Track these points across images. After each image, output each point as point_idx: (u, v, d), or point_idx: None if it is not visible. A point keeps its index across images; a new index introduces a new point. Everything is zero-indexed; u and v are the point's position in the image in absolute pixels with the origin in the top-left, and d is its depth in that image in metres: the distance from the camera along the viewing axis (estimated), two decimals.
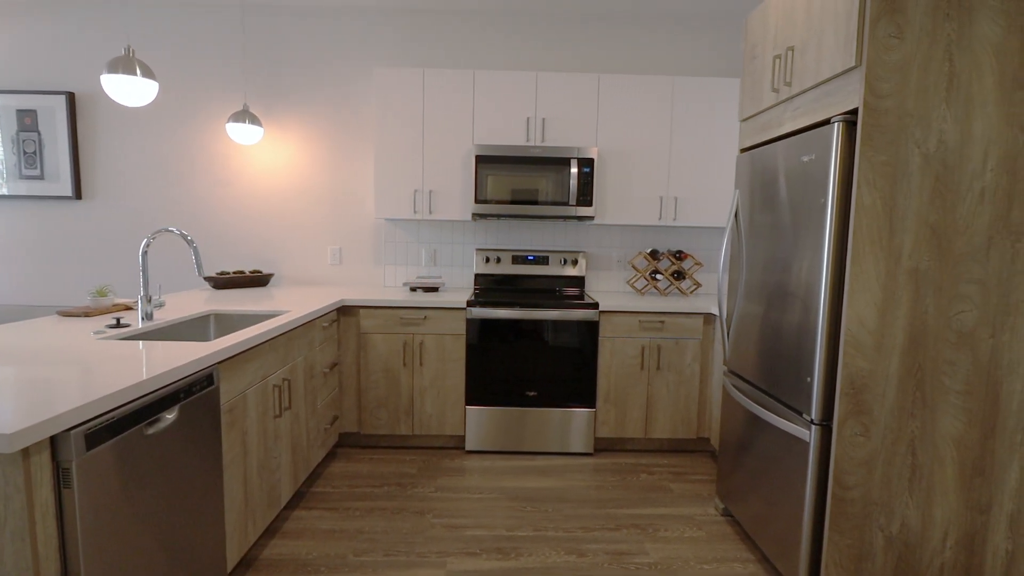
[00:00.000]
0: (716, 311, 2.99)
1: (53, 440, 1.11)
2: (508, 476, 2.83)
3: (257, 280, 3.42)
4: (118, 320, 2.07)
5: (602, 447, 3.21)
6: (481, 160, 3.12)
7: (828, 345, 1.75)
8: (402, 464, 2.94)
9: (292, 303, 2.74)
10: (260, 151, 3.55)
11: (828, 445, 1.78)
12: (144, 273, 2.16)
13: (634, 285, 3.53)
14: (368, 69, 3.51)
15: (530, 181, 3.14)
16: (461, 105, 3.20)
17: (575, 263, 3.52)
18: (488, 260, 3.51)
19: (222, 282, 3.26)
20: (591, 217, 3.19)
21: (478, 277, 3.52)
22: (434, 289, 3.27)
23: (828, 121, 1.82)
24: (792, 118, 2.00)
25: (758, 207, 2.20)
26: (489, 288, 3.50)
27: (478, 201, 3.15)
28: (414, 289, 3.28)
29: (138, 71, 2.31)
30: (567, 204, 3.16)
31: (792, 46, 1.97)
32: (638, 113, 3.22)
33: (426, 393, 3.07)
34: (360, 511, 2.45)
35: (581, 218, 3.20)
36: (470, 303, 3.01)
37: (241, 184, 3.57)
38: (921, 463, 1.72)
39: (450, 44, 3.50)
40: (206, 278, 3.11)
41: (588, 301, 3.05)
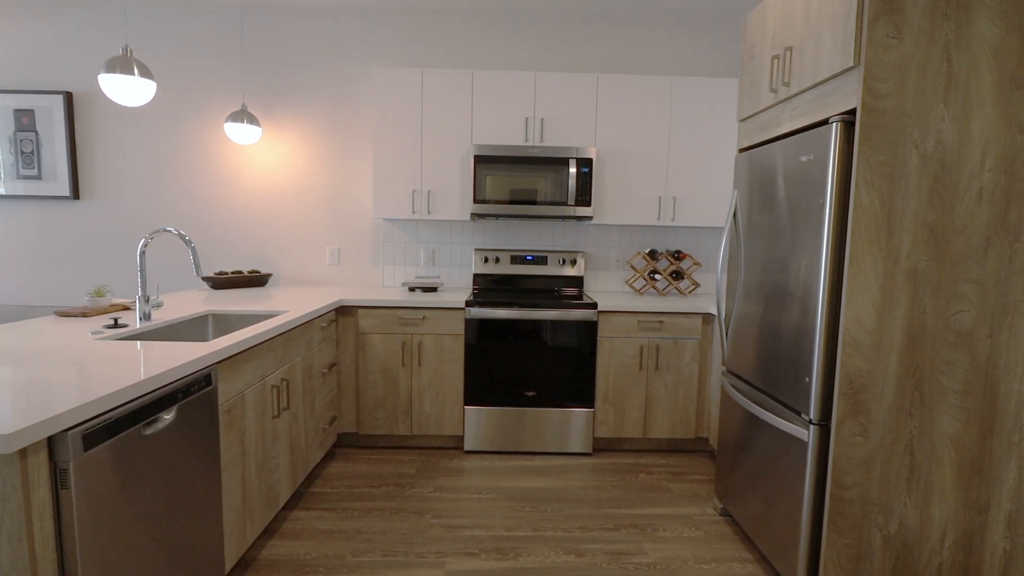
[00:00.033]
0: (715, 311, 2.99)
1: (50, 440, 1.11)
2: (507, 476, 2.83)
3: (255, 280, 3.42)
4: (116, 320, 2.07)
5: (601, 447, 3.21)
6: (480, 160, 3.12)
7: (826, 345, 1.75)
8: (401, 464, 2.94)
9: (290, 303, 2.74)
10: (259, 151, 3.55)
11: (826, 445, 1.78)
12: (142, 273, 2.15)
13: (633, 285, 3.54)
14: (367, 69, 3.50)
15: (529, 181, 3.14)
16: (460, 105, 3.20)
17: (574, 263, 3.52)
18: (487, 260, 3.51)
19: (220, 282, 3.26)
20: (590, 217, 3.19)
21: (477, 277, 3.52)
22: (433, 289, 3.27)
23: (826, 121, 1.82)
24: (790, 118, 2.00)
25: (756, 207, 2.20)
26: (488, 288, 3.50)
27: (477, 201, 3.15)
28: (413, 289, 3.28)
29: (136, 71, 2.31)
30: (566, 204, 3.16)
31: (790, 46, 1.97)
32: (637, 113, 3.23)
33: (425, 393, 3.07)
34: (358, 511, 2.45)
35: (580, 218, 3.20)
36: (469, 303, 3.01)
37: (239, 184, 3.56)
38: (919, 463, 1.73)
39: (449, 44, 3.49)
40: (204, 278, 3.10)
41: (587, 301, 3.05)
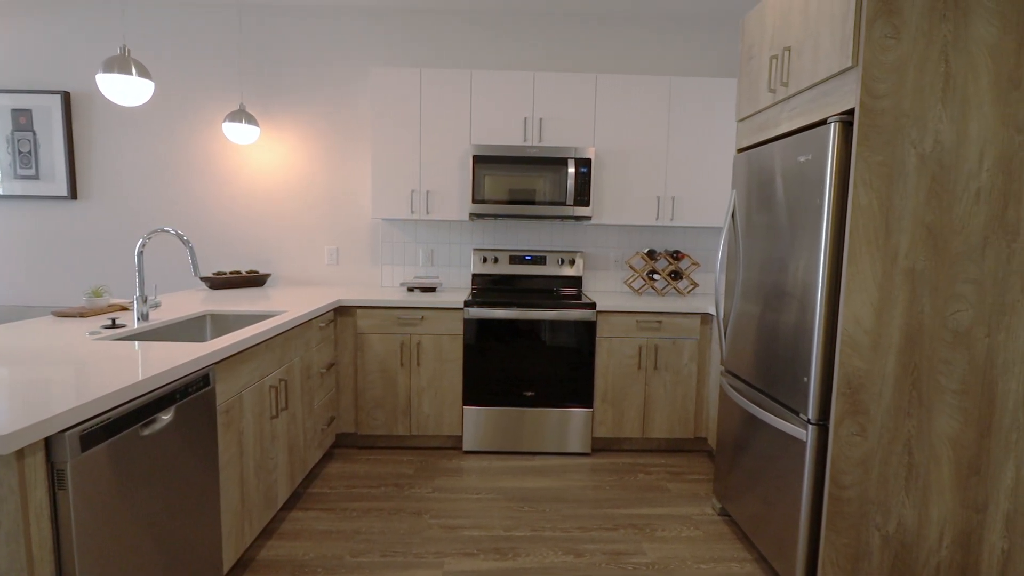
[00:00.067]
0: (713, 311, 3.00)
1: (48, 441, 1.11)
2: (505, 476, 2.82)
3: (253, 280, 3.41)
4: (113, 320, 2.06)
5: (599, 447, 3.21)
6: (478, 160, 3.12)
7: (825, 345, 1.75)
8: (399, 464, 2.94)
9: (289, 303, 2.73)
10: (257, 151, 3.54)
11: (825, 445, 1.78)
12: (140, 273, 2.15)
13: (631, 285, 3.54)
14: (365, 69, 3.50)
15: (527, 181, 3.14)
16: (458, 105, 3.19)
17: (572, 263, 3.52)
18: (485, 260, 3.51)
19: (218, 282, 3.25)
20: (588, 217, 3.19)
21: (475, 277, 3.52)
22: (431, 289, 3.27)
23: (824, 121, 1.82)
24: (789, 118, 2.00)
25: (755, 207, 2.20)
26: (486, 288, 3.50)
27: (475, 201, 3.14)
28: (411, 289, 3.28)
29: (134, 70, 2.30)
30: (564, 204, 3.16)
31: (789, 47, 1.97)
32: (635, 113, 3.23)
33: (423, 393, 3.07)
34: (357, 512, 2.44)
35: (578, 218, 3.20)
36: (467, 303, 3.01)
37: (238, 184, 3.56)
38: (917, 462, 1.73)
39: (447, 44, 3.49)
40: (202, 278, 3.10)
41: (585, 301, 3.05)
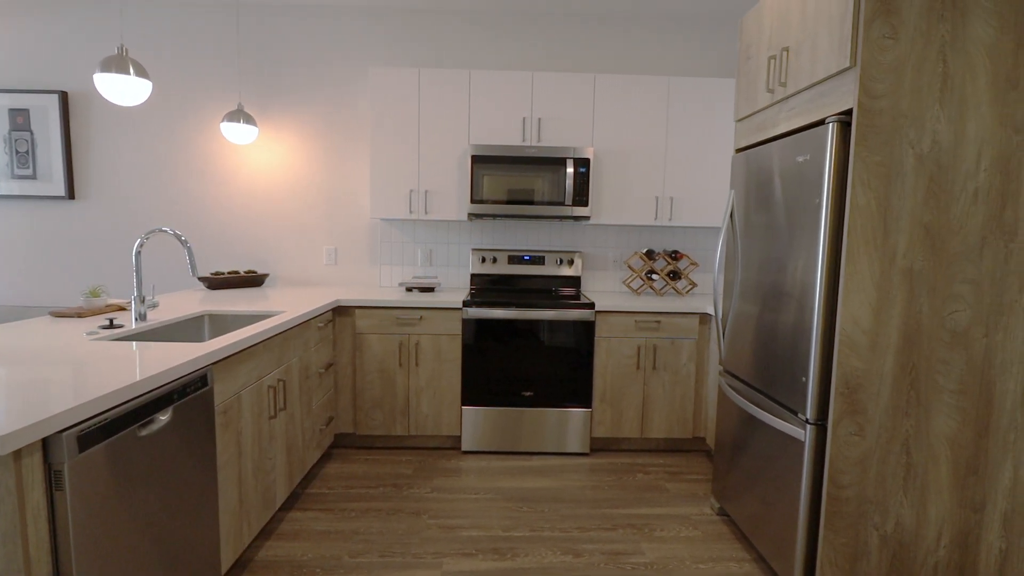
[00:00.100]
0: (712, 311, 3.00)
1: (45, 442, 1.10)
2: (504, 476, 2.82)
3: (252, 280, 3.41)
4: (111, 321, 2.06)
5: (598, 447, 3.22)
6: (477, 160, 3.12)
7: (823, 345, 1.75)
8: (398, 465, 2.93)
9: (287, 303, 2.73)
10: (255, 151, 3.54)
11: (823, 444, 1.78)
12: (137, 273, 2.14)
13: (630, 285, 3.54)
14: (364, 69, 3.50)
15: (526, 181, 3.14)
16: (457, 105, 3.19)
17: (571, 263, 3.52)
18: (484, 260, 3.51)
19: (216, 282, 3.25)
20: (587, 217, 3.19)
21: (474, 277, 3.52)
22: (430, 289, 3.27)
23: (823, 122, 1.82)
24: (787, 118, 2.00)
25: (753, 207, 2.20)
26: (485, 288, 3.50)
27: (474, 201, 3.14)
28: (410, 289, 3.28)
29: (131, 70, 2.30)
30: (563, 204, 3.16)
31: (787, 47, 1.97)
32: (634, 113, 3.23)
33: (422, 393, 3.06)
34: (356, 512, 2.44)
35: (577, 218, 3.20)
36: (466, 303, 3.01)
37: (236, 184, 3.55)
38: (915, 462, 1.73)
39: (446, 44, 3.49)
40: (200, 278, 3.09)
41: (584, 301, 3.05)
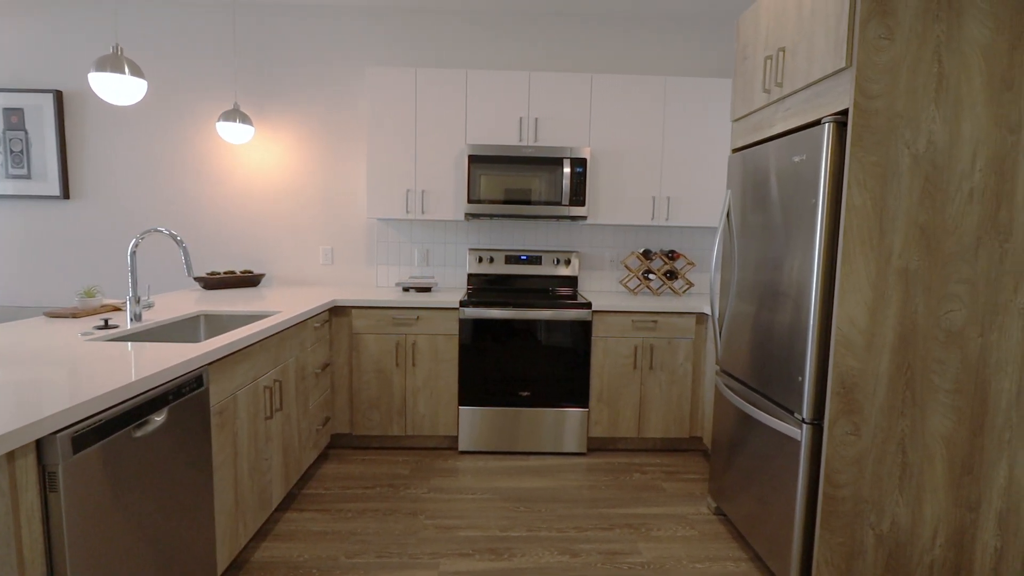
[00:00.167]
0: (708, 311, 3.00)
1: (39, 443, 1.10)
2: (501, 476, 2.82)
3: (248, 280, 3.40)
4: (106, 321, 2.05)
5: (595, 447, 3.22)
6: (474, 160, 3.11)
7: (819, 344, 1.76)
8: (395, 465, 2.93)
9: (283, 303, 2.72)
10: (251, 150, 3.52)
11: (819, 444, 1.79)
12: (133, 273, 2.13)
13: (627, 285, 3.54)
14: (360, 68, 3.49)
15: (523, 181, 3.14)
16: (454, 105, 3.19)
17: (568, 263, 3.52)
18: (481, 260, 3.51)
19: (212, 282, 3.24)
20: (584, 217, 3.19)
21: (471, 277, 3.52)
22: (427, 289, 3.26)
23: (819, 122, 1.83)
24: (783, 119, 2.01)
25: (750, 207, 2.21)
26: (482, 288, 3.49)
27: (471, 201, 3.14)
28: (407, 289, 3.27)
29: (126, 69, 2.29)
30: (560, 204, 3.16)
31: (783, 47, 1.98)
32: (631, 113, 3.23)
33: (419, 394, 3.06)
34: (352, 512, 2.44)
35: (574, 218, 3.20)
36: (463, 303, 3.01)
37: (232, 184, 3.54)
38: (911, 461, 1.74)
39: (443, 44, 3.49)
40: (196, 278, 3.08)
41: (581, 301, 3.05)
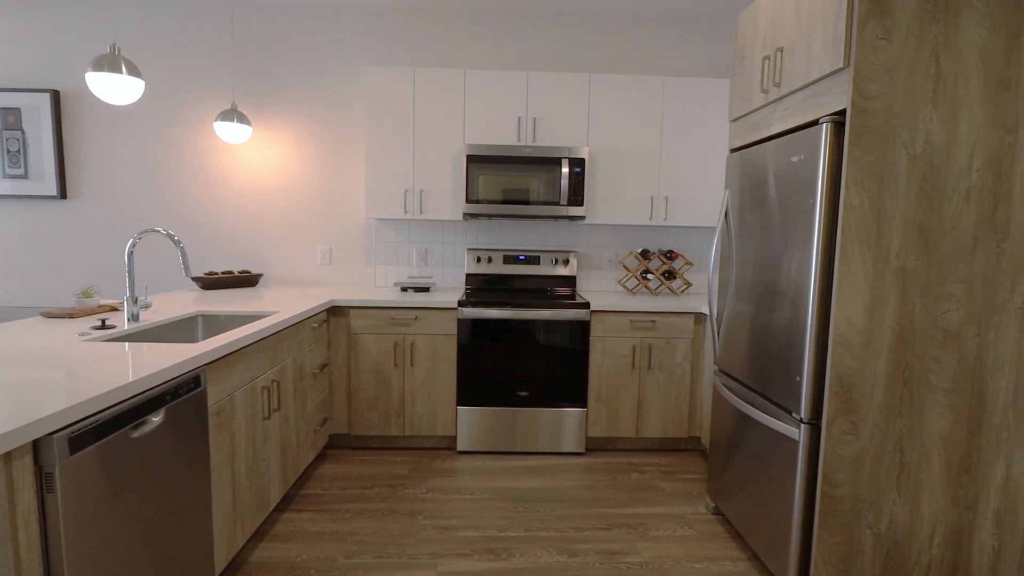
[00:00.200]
0: (706, 310, 3.00)
1: (35, 444, 1.09)
2: (499, 476, 2.82)
3: (246, 280, 3.39)
4: (103, 321, 2.04)
5: (593, 447, 3.22)
6: (472, 160, 3.11)
7: (817, 344, 1.76)
8: (393, 465, 2.93)
9: (281, 304, 2.72)
10: (249, 150, 3.52)
11: (817, 444, 1.79)
12: (130, 274, 2.13)
13: (625, 285, 3.54)
14: (358, 68, 3.49)
15: (521, 181, 3.14)
16: (452, 105, 3.19)
17: (566, 263, 3.52)
18: (479, 260, 3.50)
19: (210, 283, 3.23)
20: (582, 217, 3.19)
21: (469, 277, 3.51)
22: (425, 289, 3.26)
23: (817, 122, 1.83)
24: (781, 119, 2.01)
25: (748, 207, 2.21)
26: (480, 288, 3.49)
27: (469, 201, 3.14)
28: (405, 289, 3.27)
29: (124, 69, 2.28)
30: (558, 204, 3.16)
31: (781, 47, 1.98)
32: (629, 113, 3.23)
33: (417, 394, 3.06)
34: (350, 513, 2.43)
35: (572, 218, 3.20)
36: (461, 303, 3.00)
37: (230, 184, 3.53)
38: (909, 461, 1.74)
39: (441, 43, 3.48)
40: (194, 278, 3.08)
41: (579, 301, 3.06)
